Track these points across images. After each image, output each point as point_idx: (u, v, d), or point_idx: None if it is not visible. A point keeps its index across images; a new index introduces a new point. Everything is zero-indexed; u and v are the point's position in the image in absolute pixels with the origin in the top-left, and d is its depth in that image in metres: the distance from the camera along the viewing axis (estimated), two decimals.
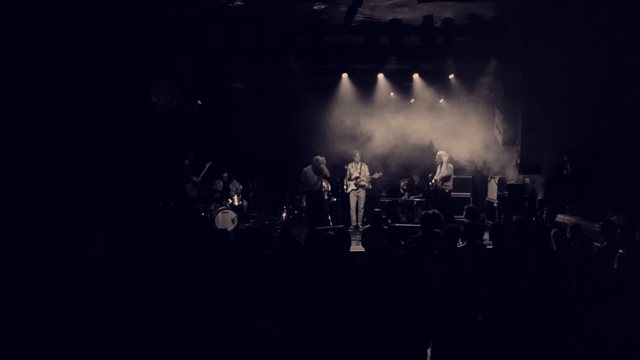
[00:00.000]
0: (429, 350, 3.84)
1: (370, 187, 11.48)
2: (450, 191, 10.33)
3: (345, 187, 11.17)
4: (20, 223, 6.34)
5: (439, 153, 10.48)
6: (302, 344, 3.25)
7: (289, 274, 5.10)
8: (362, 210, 10.99)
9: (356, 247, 7.82)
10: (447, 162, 10.28)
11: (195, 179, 9.96)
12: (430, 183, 10.44)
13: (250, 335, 3.52)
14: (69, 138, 7.73)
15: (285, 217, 11.40)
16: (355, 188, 11.01)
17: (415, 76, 10.82)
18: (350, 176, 11.05)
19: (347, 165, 11.22)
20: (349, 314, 3.93)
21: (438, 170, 10.32)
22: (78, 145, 7.98)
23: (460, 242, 5.71)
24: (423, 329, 3.70)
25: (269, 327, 3.56)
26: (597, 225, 5.74)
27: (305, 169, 10.70)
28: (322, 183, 10.64)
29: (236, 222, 10.29)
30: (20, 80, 6.30)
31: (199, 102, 11.60)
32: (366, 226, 6.97)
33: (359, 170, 11.02)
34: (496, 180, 10.39)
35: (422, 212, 8.06)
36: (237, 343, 3.50)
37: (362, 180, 10.91)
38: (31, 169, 6.78)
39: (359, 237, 9.07)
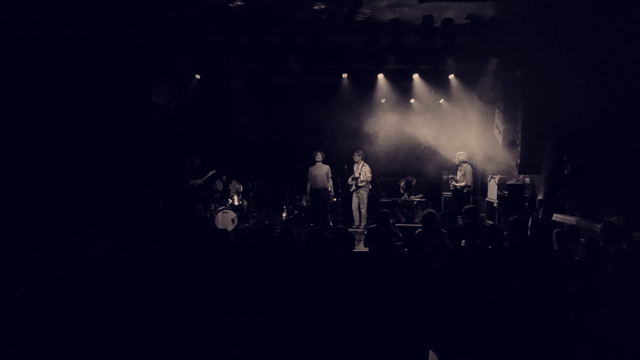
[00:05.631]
0: (430, 350, 3.84)
1: (370, 187, 11.49)
2: (469, 192, 10.30)
3: (349, 186, 11.21)
4: (23, 224, 6.33)
5: (457, 154, 10.49)
6: (302, 344, 3.25)
7: (289, 274, 5.10)
8: (365, 211, 10.98)
9: (357, 247, 7.82)
10: (463, 163, 10.29)
11: (195, 182, 9.95)
12: (451, 184, 10.46)
13: (249, 335, 3.52)
14: (69, 139, 7.72)
15: (285, 217, 11.41)
16: (354, 188, 11.03)
17: (415, 76, 10.81)
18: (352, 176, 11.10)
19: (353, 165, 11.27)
20: (349, 314, 3.93)
21: (459, 172, 10.34)
22: (79, 146, 7.98)
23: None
24: (424, 329, 3.70)
25: (268, 326, 3.56)
26: (598, 226, 5.75)
27: (311, 167, 10.80)
28: (326, 182, 10.69)
29: (236, 222, 10.29)
30: (20, 82, 6.29)
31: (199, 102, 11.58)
32: (372, 226, 6.90)
33: (359, 171, 11.02)
34: (496, 180, 10.39)
35: (424, 212, 8.08)
36: (236, 342, 3.50)
37: (362, 181, 10.90)
38: (32, 170, 6.77)
39: (358, 237, 9.08)
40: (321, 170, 10.81)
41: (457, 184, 10.25)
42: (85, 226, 7.88)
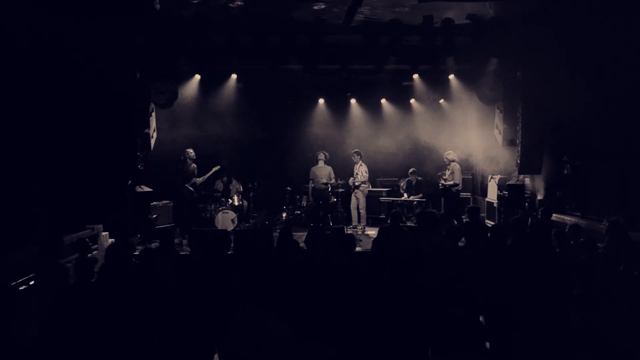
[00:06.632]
0: (430, 349, 3.85)
1: (369, 187, 11.49)
2: (458, 191, 10.30)
3: (349, 187, 11.21)
4: (22, 223, 6.33)
5: (445, 153, 10.46)
6: (307, 343, 3.25)
7: (289, 274, 5.10)
8: (364, 211, 10.97)
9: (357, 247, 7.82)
10: (452, 162, 10.27)
11: (197, 180, 9.92)
12: (440, 183, 10.44)
13: (254, 336, 3.52)
14: (70, 138, 7.72)
15: (285, 217, 11.41)
16: (353, 188, 11.01)
17: (415, 76, 10.82)
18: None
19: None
20: (350, 313, 3.93)
21: (447, 171, 10.32)
22: (79, 145, 7.98)
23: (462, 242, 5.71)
24: (424, 328, 3.70)
25: (271, 327, 3.56)
26: (599, 225, 5.75)
27: (313, 167, 10.80)
28: (326, 181, 10.69)
29: (236, 222, 10.29)
30: (21, 82, 6.29)
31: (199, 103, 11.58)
32: (385, 225, 6.86)
33: (356, 171, 11.01)
34: (496, 180, 10.39)
35: (418, 211, 8.10)
36: (243, 343, 3.50)
37: (358, 181, 10.87)
38: (32, 170, 6.77)
39: (358, 237, 9.10)
40: (324, 171, 10.82)
41: (445, 183, 10.24)
42: (85, 226, 7.90)
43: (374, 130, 12.44)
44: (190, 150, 9.95)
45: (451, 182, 10.15)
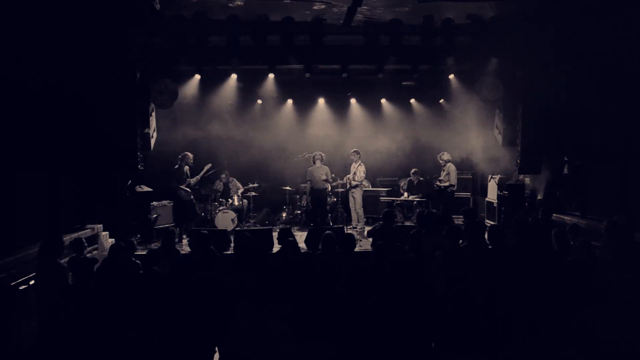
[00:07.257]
0: (430, 349, 3.84)
1: (368, 186, 11.45)
2: (453, 192, 10.34)
3: (344, 186, 11.20)
4: (22, 223, 6.33)
5: (440, 154, 10.50)
6: (307, 343, 3.25)
7: (290, 274, 5.10)
8: (361, 211, 10.96)
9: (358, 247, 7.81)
10: (447, 162, 10.31)
11: (190, 181, 9.91)
12: (435, 184, 10.47)
13: (254, 335, 3.52)
14: (70, 138, 7.72)
15: (285, 217, 11.41)
16: (349, 187, 11.00)
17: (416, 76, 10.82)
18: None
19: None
20: (350, 313, 3.93)
21: (443, 172, 10.36)
22: (80, 145, 7.98)
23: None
24: (424, 328, 3.70)
25: (271, 327, 3.56)
26: (600, 225, 5.76)
27: (310, 167, 10.79)
28: (325, 181, 10.69)
29: (236, 222, 10.29)
30: (18, 83, 6.29)
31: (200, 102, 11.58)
32: (376, 225, 6.87)
33: (354, 170, 11.00)
34: (496, 180, 10.39)
35: (418, 210, 8.11)
36: (243, 343, 3.50)
37: (354, 180, 10.86)
38: (32, 169, 6.77)
39: (358, 237, 9.08)
40: (321, 171, 10.82)
41: (441, 184, 10.28)
42: (85, 226, 7.90)
43: (373, 130, 12.42)
44: (190, 155, 9.97)
45: (447, 183, 10.21)
